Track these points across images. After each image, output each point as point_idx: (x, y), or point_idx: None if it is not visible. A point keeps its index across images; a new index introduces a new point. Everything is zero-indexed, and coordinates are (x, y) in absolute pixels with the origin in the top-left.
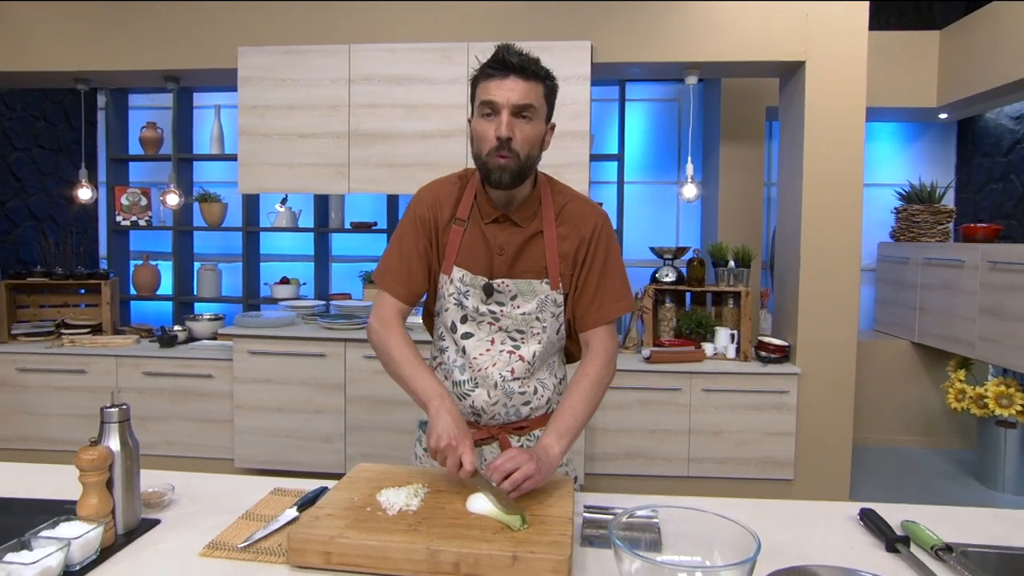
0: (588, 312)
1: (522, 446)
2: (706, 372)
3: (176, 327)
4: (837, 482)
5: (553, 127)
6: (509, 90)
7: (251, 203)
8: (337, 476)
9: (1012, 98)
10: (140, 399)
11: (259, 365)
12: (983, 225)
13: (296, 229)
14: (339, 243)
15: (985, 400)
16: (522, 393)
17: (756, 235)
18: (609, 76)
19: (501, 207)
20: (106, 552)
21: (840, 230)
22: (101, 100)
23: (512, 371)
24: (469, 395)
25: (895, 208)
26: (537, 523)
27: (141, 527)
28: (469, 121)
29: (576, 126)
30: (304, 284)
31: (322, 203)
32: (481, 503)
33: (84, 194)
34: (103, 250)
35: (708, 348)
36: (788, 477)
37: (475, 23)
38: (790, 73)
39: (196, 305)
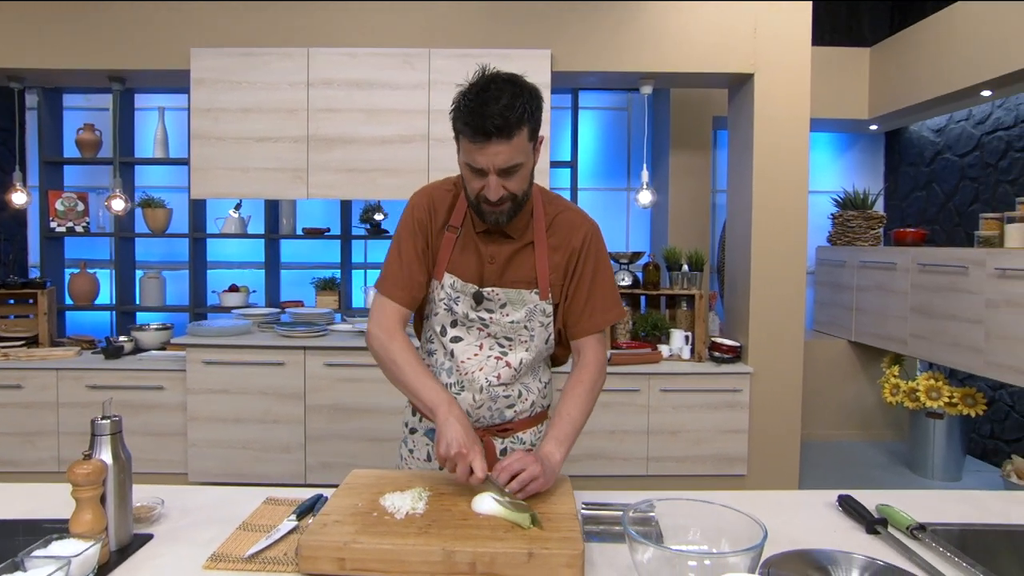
0: (579, 321)
1: (505, 449)
2: (663, 373)
3: (122, 337)
4: (786, 476)
5: (541, 140)
6: (493, 155)
7: (198, 209)
8: (296, 487)
9: (935, 112)
10: (83, 414)
11: (214, 375)
12: (912, 230)
13: (247, 235)
14: (288, 250)
15: (917, 393)
16: (506, 397)
17: (704, 240)
18: (567, 85)
19: None
20: (102, 570)
21: (787, 234)
22: (31, 99)
23: (498, 376)
24: (455, 398)
25: (831, 214)
26: (545, 520)
27: (134, 543)
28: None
29: None
30: (254, 292)
31: (273, 209)
32: (487, 504)
33: (19, 198)
34: (34, 258)
35: (664, 350)
36: (742, 473)
37: (436, 30)
38: (739, 84)
39: (138, 315)
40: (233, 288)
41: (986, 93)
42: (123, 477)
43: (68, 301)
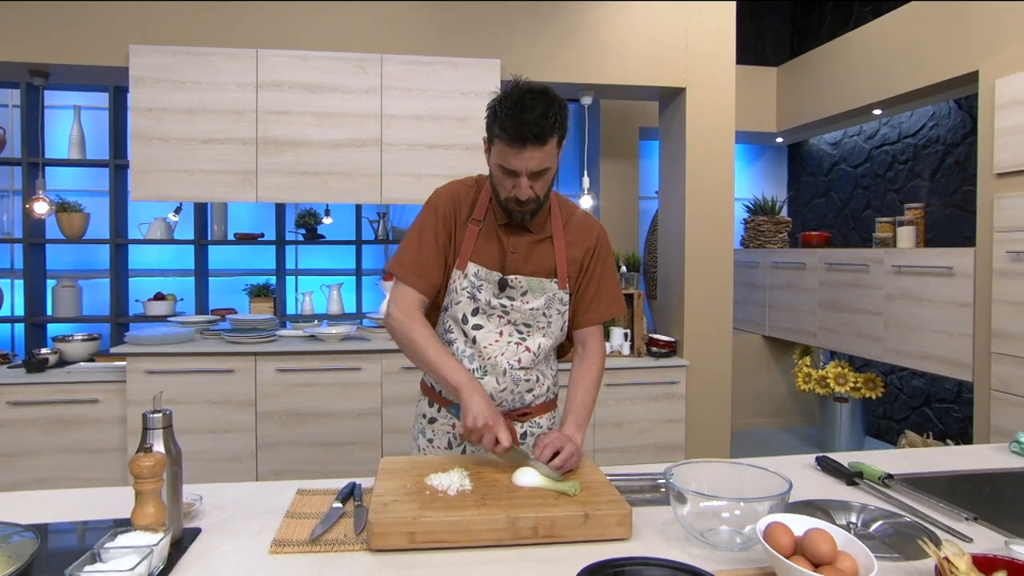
0: (588, 311)
1: (525, 433)
2: (607, 368)
3: (43, 350)
4: None
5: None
6: (527, 159)
7: (119, 214)
8: (322, 480)
9: (832, 127)
10: (5, 433)
11: (158, 385)
12: (817, 233)
13: (176, 241)
14: (215, 256)
15: (827, 380)
16: (527, 380)
17: (634, 244)
18: None
19: None
20: (170, 560)
21: (716, 237)
22: None
23: (519, 360)
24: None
25: (744, 219)
26: (586, 488)
27: (186, 536)
28: (485, 141)
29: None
30: (181, 300)
31: (202, 214)
32: (530, 477)
33: None
34: None
35: (606, 347)
36: (681, 461)
37: (388, 36)
38: (671, 97)
39: (51, 326)
40: (159, 296)
41: (876, 112)
42: (176, 471)
43: None
